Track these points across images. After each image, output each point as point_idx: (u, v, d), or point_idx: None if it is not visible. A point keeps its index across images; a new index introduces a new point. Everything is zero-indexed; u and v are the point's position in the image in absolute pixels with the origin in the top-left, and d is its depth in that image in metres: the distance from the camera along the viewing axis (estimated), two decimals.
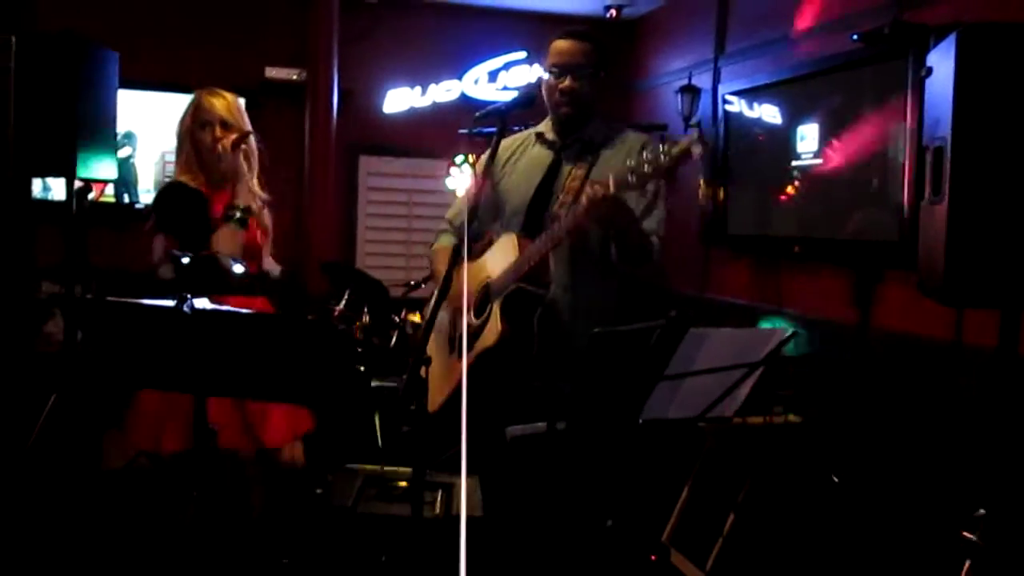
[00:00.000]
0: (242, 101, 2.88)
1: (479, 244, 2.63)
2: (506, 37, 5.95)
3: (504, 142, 2.56)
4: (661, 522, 3.21)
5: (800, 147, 4.20)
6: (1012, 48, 1.95)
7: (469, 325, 2.39)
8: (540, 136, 2.49)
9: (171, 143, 5.15)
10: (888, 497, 3.35)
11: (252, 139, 2.83)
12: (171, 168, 5.25)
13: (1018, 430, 2.24)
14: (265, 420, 2.71)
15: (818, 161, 4.09)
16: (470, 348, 2.34)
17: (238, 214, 2.70)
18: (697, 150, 1.83)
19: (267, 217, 2.93)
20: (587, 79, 2.39)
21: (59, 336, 4.31)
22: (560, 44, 2.40)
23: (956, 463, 3.00)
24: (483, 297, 2.36)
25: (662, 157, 1.86)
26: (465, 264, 2.06)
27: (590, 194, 2.08)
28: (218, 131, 2.78)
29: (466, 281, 2.50)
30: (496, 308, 2.24)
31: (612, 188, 2.01)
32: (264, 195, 2.90)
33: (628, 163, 1.96)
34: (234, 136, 2.76)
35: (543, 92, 2.47)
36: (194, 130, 2.79)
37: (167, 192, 2.84)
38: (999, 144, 1.96)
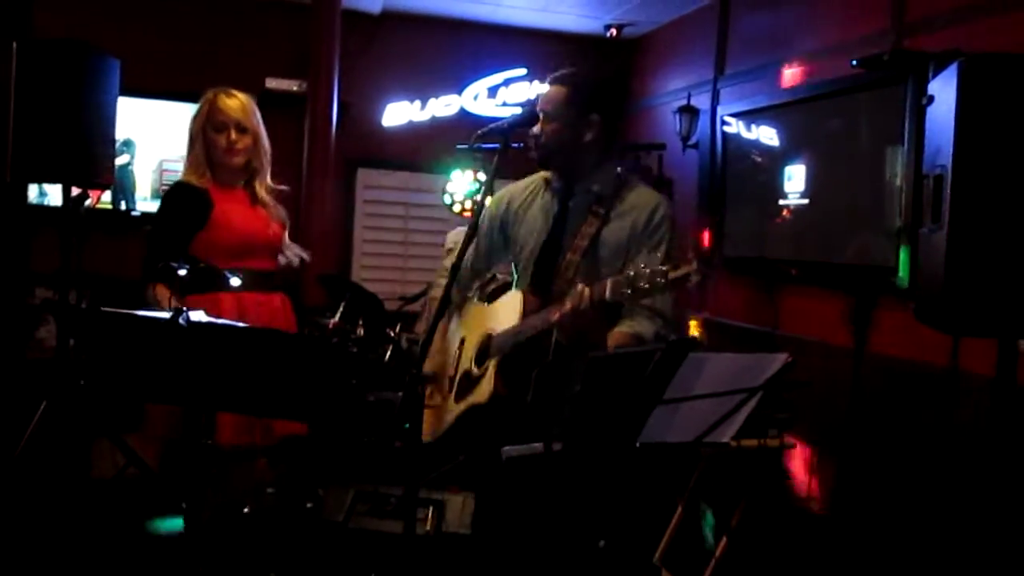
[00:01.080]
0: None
1: (484, 282, 2.61)
2: (506, 53, 5.98)
3: (517, 185, 2.51)
4: (653, 543, 3.19)
5: (797, 170, 4.21)
6: (1013, 78, 1.96)
7: (469, 373, 2.37)
8: (548, 182, 2.42)
9: (170, 150, 5.12)
10: (882, 522, 3.34)
11: (264, 137, 2.85)
12: (169, 176, 5.30)
13: (1015, 458, 2.24)
14: None
15: (815, 184, 4.10)
16: (464, 397, 2.33)
17: (182, 272, 2.55)
18: (696, 279, 1.82)
19: (282, 211, 2.94)
20: (559, 124, 2.26)
21: (51, 343, 4.29)
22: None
23: (952, 488, 2.99)
24: (484, 348, 2.34)
25: (659, 279, 1.85)
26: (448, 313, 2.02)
27: (574, 302, 2.01)
28: (233, 134, 2.77)
29: (472, 321, 2.48)
30: (492, 367, 2.23)
31: (608, 294, 1.95)
32: (280, 187, 2.92)
33: (628, 273, 1.92)
34: (250, 140, 2.77)
35: None
36: (207, 131, 2.78)
37: (169, 192, 2.87)
38: (999, 173, 1.96)
